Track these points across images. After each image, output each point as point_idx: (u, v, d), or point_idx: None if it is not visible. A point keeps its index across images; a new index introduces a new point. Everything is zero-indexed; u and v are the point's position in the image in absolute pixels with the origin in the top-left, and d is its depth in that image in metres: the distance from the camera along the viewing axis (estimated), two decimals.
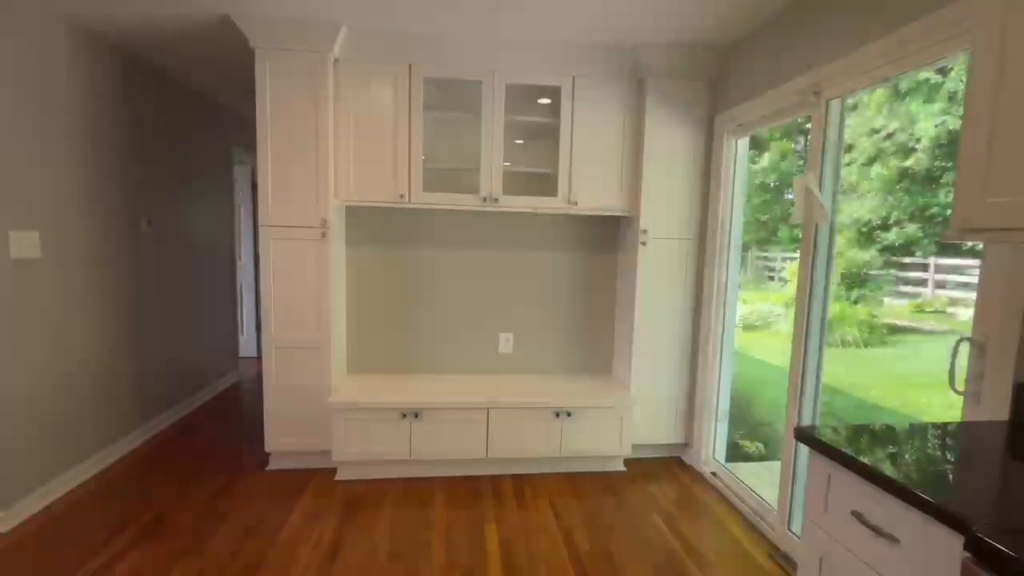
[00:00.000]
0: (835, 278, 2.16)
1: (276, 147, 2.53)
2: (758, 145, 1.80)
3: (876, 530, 0.95)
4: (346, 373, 2.98)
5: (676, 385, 2.91)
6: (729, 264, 2.70)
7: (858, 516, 0.99)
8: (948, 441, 1.15)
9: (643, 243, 2.77)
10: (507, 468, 2.77)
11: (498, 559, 2.05)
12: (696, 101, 2.73)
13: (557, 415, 2.70)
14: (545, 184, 2.85)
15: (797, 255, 2.11)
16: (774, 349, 2.28)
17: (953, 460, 1.08)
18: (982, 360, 1.33)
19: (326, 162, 2.56)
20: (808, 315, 2.06)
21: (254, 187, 5.08)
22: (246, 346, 4.97)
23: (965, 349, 1.38)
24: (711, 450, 2.80)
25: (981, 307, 1.36)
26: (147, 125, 3.09)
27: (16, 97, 2.17)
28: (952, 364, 1.39)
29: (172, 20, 2.45)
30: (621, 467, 2.87)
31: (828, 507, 1.09)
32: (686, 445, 2.96)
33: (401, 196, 2.68)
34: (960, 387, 1.39)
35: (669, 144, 2.74)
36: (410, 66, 2.62)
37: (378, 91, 2.63)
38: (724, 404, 2.79)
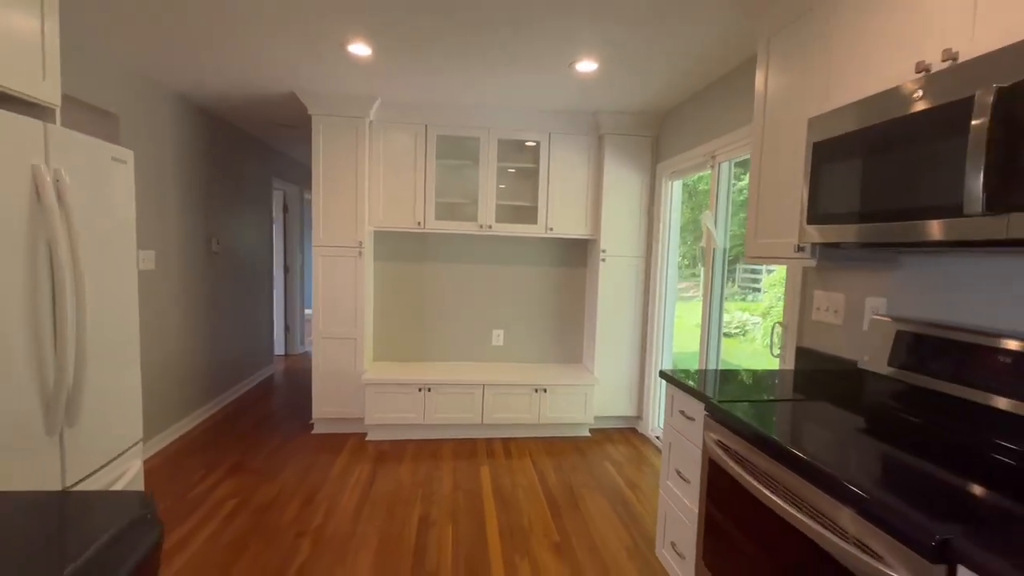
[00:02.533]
0: (730, 287, 3.00)
1: (326, 187, 3.38)
2: (745, 164, 2.49)
3: (685, 415, 1.77)
4: (372, 359, 3.80)
5: (630, 370, 3.73)
6: (668, 276, 3.54)
7: (683, 413, 1.81)
8: (753, 379, 1.96)
9: (603, 259, 3.61)
10: (498, 432, 3.58)
11: (490, 487, 2.85)
12: (642, 152, 3.60)
13: (536, 391, 3.52)
14: (528, 214, 3.70)
15: (775, 268, 2.88)
16: (743, 354, 2.99)
17: (749, 384, 1.89)
18: (785, 335, 2.16)
19: (362, 197, 3.40)
20: (709, 313, 2.90)
21: (285, 209, 5.96)
22: (276, 345, 5.79)
23: (779, 329, 2.21)
24: (656, 419, 3.61)
25: (787, 302, 2.19)
26: (217, 164, 3.95)
27: (143, 152, 3.02)
28: (771, 339, 2.22)
29: (251, 92, 3.31)
30: (587, 433, 3.68)
31: (672, 412, 1.90)
32: (638, 417, 3.77)
33: (418, 223, 3.53)
34: (776, 352, 2.22)
35: (622, 185, 3.60)
36: (426, 126, 3.49)
37: (401, 145, 3.49)
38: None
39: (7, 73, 1.34)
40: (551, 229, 3.64)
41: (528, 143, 3.67)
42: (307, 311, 6.60)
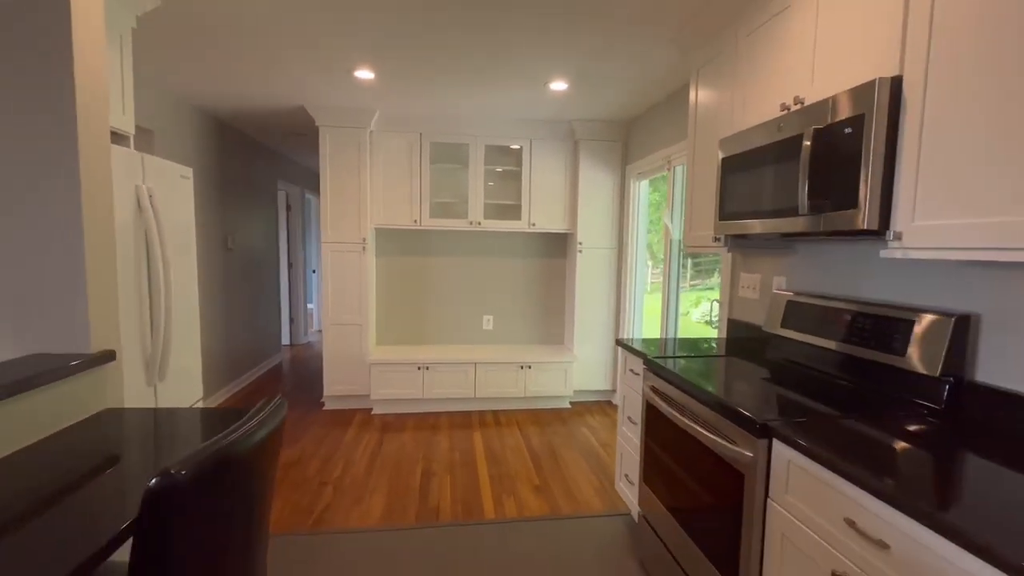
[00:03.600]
0: (688, 273, 3.47)
1: (333, 189, 3.80)
2: None
3: (633, 372, 2.24)
4: (376, 343, 4.25)
5: (605, 350, 4.20)
6: (637, 265, 4.01)
7: (632, 370, 2.28)
8: (690, 344, 2.43)
9: (580, 251, 4.07)
10: (488, 405, 4.05)
11: (482, 448, 3.32)
12: (612, 156, 4.06)
13: (522, 368, 3.98)
14: (513, 211, 4.15)
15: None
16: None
17: (685, 348, 2.35)
18: (721, 310, 2.64)
19: (365, 199, 3.83)
20: (667, 296, 3.37)
21: (288, 208, 6.37)
22: (283, 335, 6.22)
23: (716, 306, 2.69)
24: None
25: (722, 284, 2.66)
26: (230, 168, 4.36)
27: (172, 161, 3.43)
28: (711, 313, 2.69)
29: (264, 105, 3.72)
30: (567, 405, 4.16)
31: (624, 371, 2.37)
32: (612, 391, 4.25)
33: (415, 221, 3.97)
34: (714, 325, 2.70)
35: (595, 184, 4.05)
36: (420, 134, 3.92)
37: (399, 151, 3.92)
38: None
39: (112, 113, 1.77)
40: (534, 224, 4.10)
41: (512, 147, 4.11)
42: (309, 305, 7.03)
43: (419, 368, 3.88)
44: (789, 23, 1.68)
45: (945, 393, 1.36)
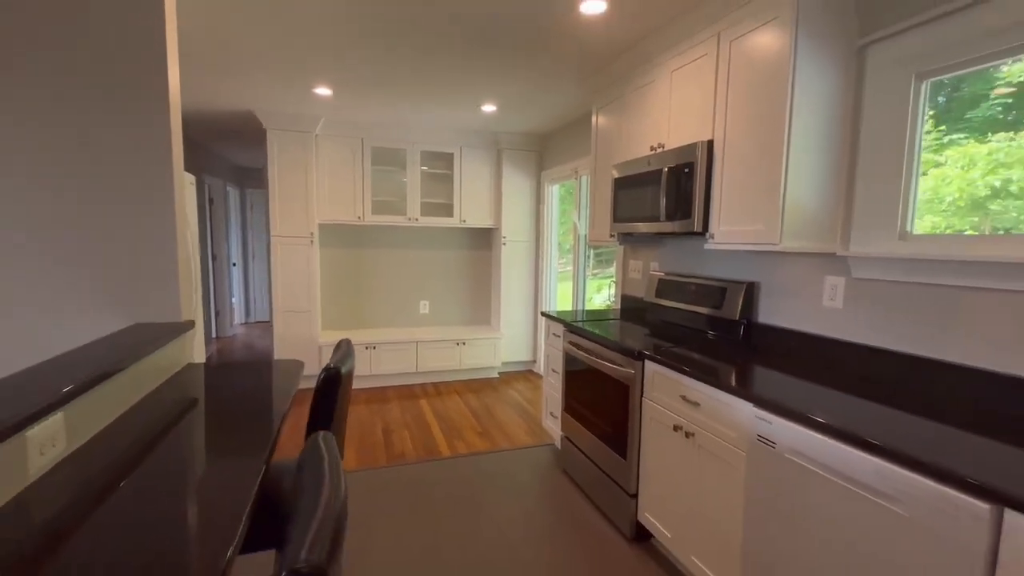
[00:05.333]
0: (591, 262, 4.34)
1: (281, 188, 4.14)
2: None
3: (555, 335, 3.00)
4: (323, 328, 4.65)
5: (527, 327, 4.98)
6: (552, 256, 4.82)
7: (554, 334, 3.05)
8: (595, 315, 3.24)
9: (504, 244, 4.79)
10: (430, 378, 4.66)
11: (429, 410, 3.93)
12: (530, 163, 4.81)
13: (457, 344, 4.63)
14: (446, 209, 4.75)
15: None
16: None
17: (591, 316, 3.16)
18: (616, 289, 3.50)
19: (311, 197, 4.22)
20: (576, 282, 4.21)
21: (210, 202, 6.37)
22: (209, 329, 6.26)
23: (613, 287, 3.55)
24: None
25: (617, 269, 3.52)
26: None
27: None
28: (610, 291, 3.55)
29: (208, 108, 3.95)
30: (496, 375, 4.89)
31: (548, 335, 3.13)
32: (533, 361, 5.06)
33: (358, 217, 4.43)
34: (612, 301, 3.56)
35: (517, 186, 4.79)
36: (362, 139, 4.38)
37: (342, 154, 4.35)
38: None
39: None
40: (464, 221, 4.74)
41: (445, 153, 4.70)
42: (233, 299, 7.05)
43: (367, 348, 4.38)
44: (656, 92, 2.51)
45: (741, 329, 2.26)
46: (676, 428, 1.89)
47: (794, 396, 1.50)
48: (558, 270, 4.91)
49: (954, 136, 1.66)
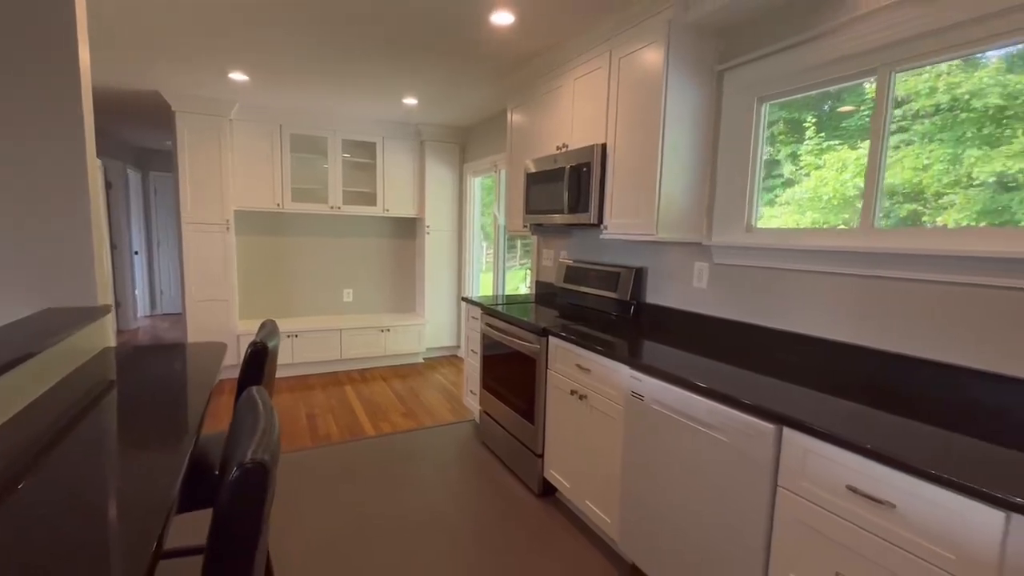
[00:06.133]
0: (519, 252, 4.61)
1: (193, 173, 4.00)
2: None
3: (474, 318, 3.23)
4: (240, 317, 4.55)
5: (450, 313, 5.18)
6: (474, 245, 5.03)
7: (473, 317, 3.27)
8: (512, 299, 3.51)
9: (428, 233, 4.94)
10: (354, 365, 4.73)
11: (354, 395, 4.03)
12: (453, 155, 4.98)
13: (382, 331, 4.74)
14: (369, 198, 4.81)
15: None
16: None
17: (508, 301, 3.42)
18: (531, 276, 3.79)
19: (227, 182, 4.12)
20: (496, 269, 4.47)
21: (108, 185, 5.92)
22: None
23: (529, 273, 3.83)
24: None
25: (532, 258, 3.81)
26: None
27: None
28: (528, 279, 3.83)
29: (110, 85, 3.73)
30: (421, 360, 5.05)
31: (468, 319, 3.36)
32: (457, 346, 5.27)
33: (277, 204, 4.38)
34: (528, 287, 3.85)
35: (440, 177, 4.94)
36: (280, 126, 4.32)
37: (259, 140, 4.27)
38: None
39: None
40: (387, 210, 4.82)
41: (368, 142, 4.74)
42: (136, 290, 6.59)
43: (288, 336, 4.37)
44: (561, 96, 2.78)
45: (632, 308, 2.62)
46: (573, 392, 2.19)
47: (660, 359, 1.84)
48: (482, 259, 5.14)
49: (832, 142, 1.88)
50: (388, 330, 4.77)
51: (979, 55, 1.48)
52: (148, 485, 0.91)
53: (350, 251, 5.02)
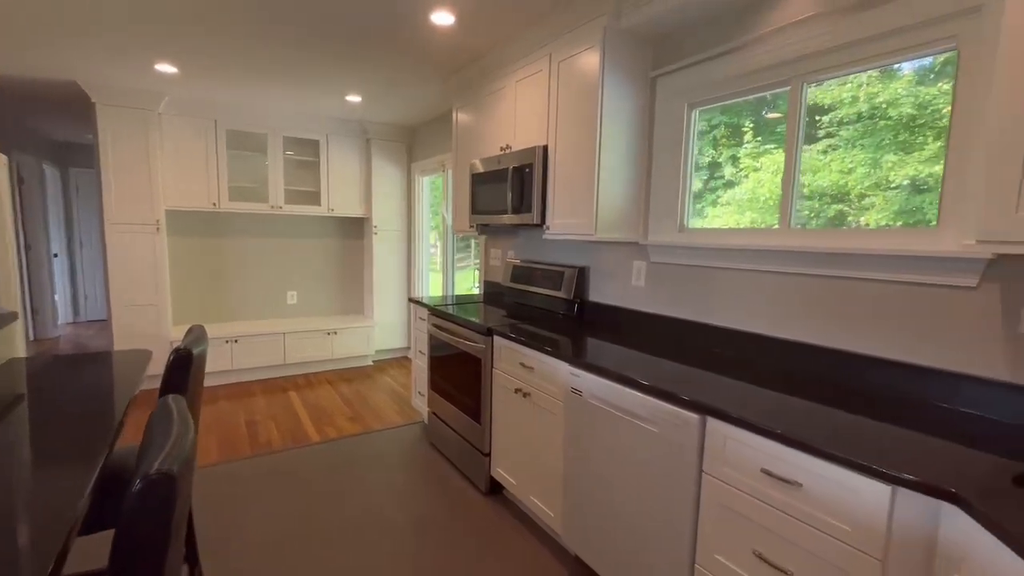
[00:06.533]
0: (472, 252, 4.60)
1: (116, 169, 3.75)
2: None
3: (421, 319, 3.21)
4: (174, 323, 4.31)
5: (400, 314, 5.11)
6: (422, 245, 4.99)
7: (420, 318, 3.25)
8: (460, 299, 3.50)
9: (375, 233, 4.85)
10: (300, 370, 4.58)
11: (299, 400, 3.90)
12: (400, 154, 4.92)
13: (328, 334, 4.61)
14: (313, 197, 4.67)
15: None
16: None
17: (456, 301, 3.41)
18: (480, 276, 3.80)
19: (156, 181, 3.89)
20: (446, 267, 4.45)
21: (20, 181, 5.46)
22: (28, 329, 5.38)
23: (477, 273, 3.84)
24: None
25: (480, 257, 3.82)
26: None
27: None
28: (473, 280, 3.84)
29: (18, 72, 3.43)
30: (371, 363, 4.95)
31: (415, 319, 3.33)
32: (407, 348, 5.21)
33: (213, 204, 4.17)
34: (476, 287, 3.85)
35: (387, 177, 4.86)
36: (215, 121, 4.12)
37: (192, 136, 4.06)
38: None
39: None
40: (332, 209, 4.70)
41: (310, 140, 4.59)
42: (56, 296, 6.11)
43: (227, 342, 4.17)
44: (505, 98, 2.81)
45: (575, 307, 2.68)
46: (517, 391, 2.22)
47: (599, 356, 1.90)
48: (431, 259, 5.10)
49: (768, 146, 1.97)
50: (335, 333, 4.65)
51: (895, 67, 1.60)
52: (51, 503, 0.86)
53: (294, 252, 4.85)
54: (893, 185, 1.66)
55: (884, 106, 1.66)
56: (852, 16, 1.58)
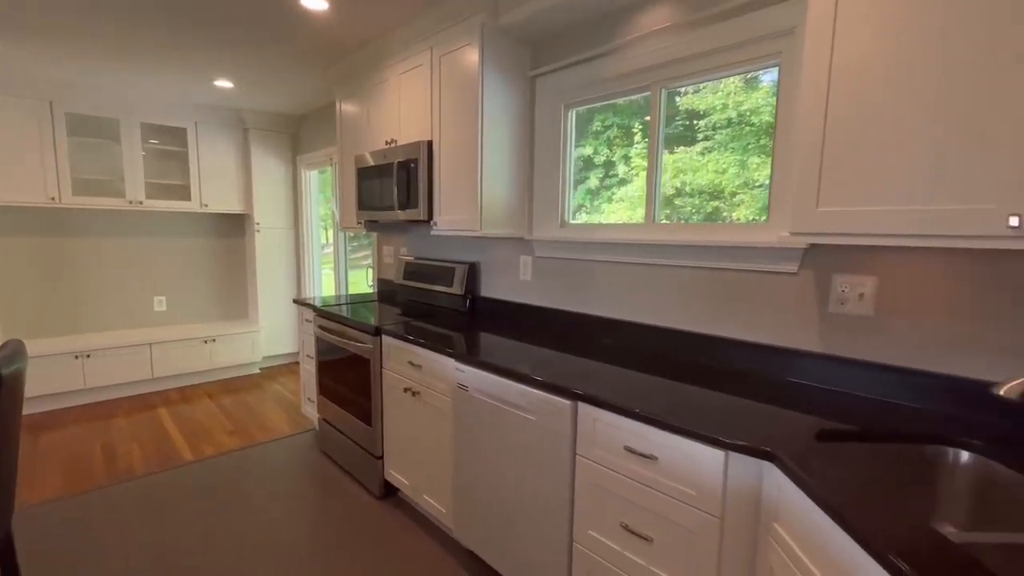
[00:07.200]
0: (372, 250, 4.42)
1: None
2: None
3: (307, 320, 3.04)
4: (2, 338, 3.66)
5: (289, 316, 4.79)
6: (314, 242, 4.71)
7: (307, 319, 3.07)
8: (352, 298, 3.36)
9: (258, 231, 4.49)
10: (172, 384, 4.12)
11: (170, 417, 3.51)
12: (284, 146, 4.59)
13: (206, 342, 4.20)
14: (182, 192, 4.20)
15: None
16: None
17: (346, 301, 3.27)
18: (374, 272, 3.68)
19: None
20: (338, 266, 4.25)
21: None
22: None
23: (371, 271, 3.71)
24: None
25: (374, 255, 3.69)
26: None
27: None
28: (368, 278, 3.70)
29: None
30: (258, 371, 4.60)
31: (302, 321, 3.15)
32: (299, 352, 4.90)
33: (52, 199, 3.60)
34: (370, 285, 3.73)
35: (269, 170, 4.52)
36: (51, 103, 3.55)
37: (19, 119, 3.46)
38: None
39: None
40: (206, 205, 4.27)
41: (176, 128, 4.12)
42: None
43: (76, 357, 3.63)
44: (388, 91, 2.73)
45: (467, 302, 2.69)
46: (407, 390, 2.19)
47: (486, 350, 1.92)
48: (321, 256, 4.83)
49: None
50: (214, 340, 4.24)
51: (757, 78, 1.76)
52: None
53: (161, 253, 4.34)
54: (757, 184, 1.85)
55: (748, 113, 1.84)
56: (700, 29, 1.74)
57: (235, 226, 4.71)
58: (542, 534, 1.60)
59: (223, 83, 3.48)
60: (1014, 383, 0.89)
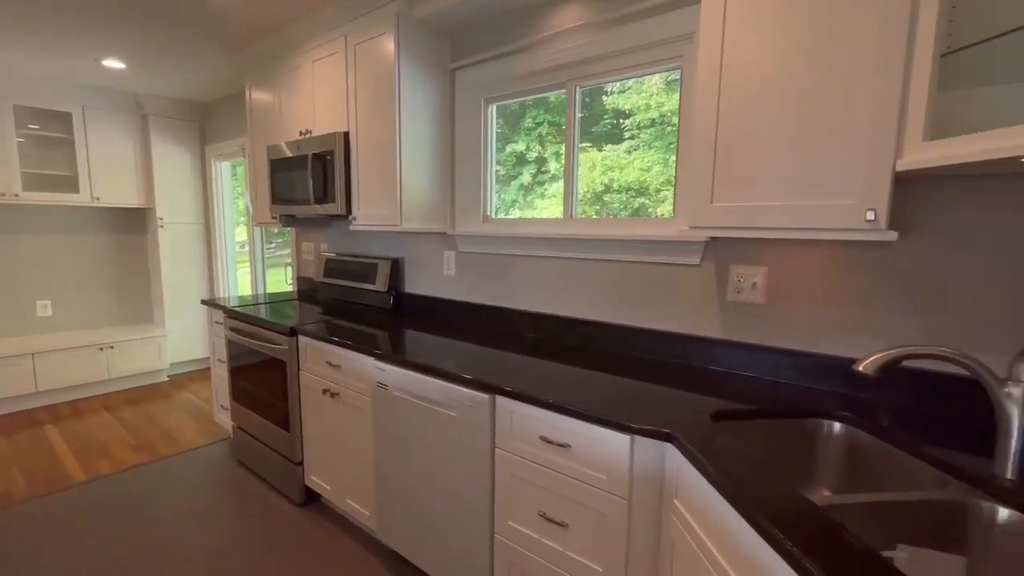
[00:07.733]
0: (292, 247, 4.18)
1: None
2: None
3: (218, 323, 2.84)
4: None
5: (202, 318, 4.46)
6: (227, 238, 4.41)
7: (217, 322, 2.87)
8: (270, 297, 3.17)
9: (161, 226, 4.13)
10: (61, 397, 3.70)
11: (59, 436, 3.16)
12: (190, 135, 4.25)
13: (102, 350, 3.81)
14: (68, 183, 3.77)
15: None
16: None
17: (264, 300, 3.09)
18: (293, 270, 3.50)
19: None
20: (255, 263, 4.00)
21: None
22: None
23: (289, 269, 3.53)
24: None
25: (292, 251, 3.51)
26: None
27: None
28: (288, 276, 3.52)
29: None
30: (166, 378, 4.24)
31: (212, 324, 2.94)
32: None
33: None
34: (289, 283, 3.54)
35: (173, 161, 4.16)
36: None
37: None
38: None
39: None
40: (98, 199, 3.87)
41: (58, 112, 3.69)
42: None
43: None
44: (302, 79, 2.59)
45: (391, 299, 2.63)
46: (325, 391, 2.10)
47: (407, 347, 1.89)
48: (236, 253, 4.53)
49: (584, 144, 2.06)
50: (111, 347, 3.86)
51: (675, 80, 1.82)
52: None
53: (44, 251, 3.88)
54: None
55: (669, 114, 1.91)
56: (611, 29, 1.80)
57: (134, 221, 4.30)
58: (464, 528, 1.60)
59: (113, 63, 3.15)
60: (870, 359, 1.00)
